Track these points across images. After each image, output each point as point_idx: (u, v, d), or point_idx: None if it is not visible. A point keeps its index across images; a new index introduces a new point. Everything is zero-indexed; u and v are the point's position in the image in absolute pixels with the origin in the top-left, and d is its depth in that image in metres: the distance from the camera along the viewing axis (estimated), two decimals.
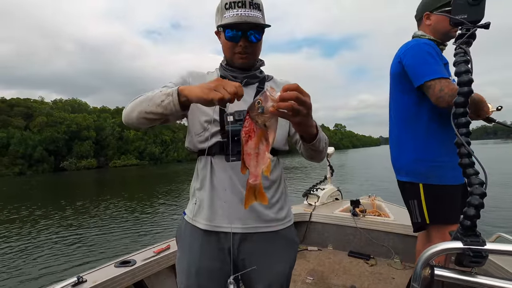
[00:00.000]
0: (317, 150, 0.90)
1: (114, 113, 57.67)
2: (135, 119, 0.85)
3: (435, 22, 1.42)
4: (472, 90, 0.64)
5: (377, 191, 4.43)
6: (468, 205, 0.63)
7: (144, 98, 0.85)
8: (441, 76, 1.25)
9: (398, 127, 1.50)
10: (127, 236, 7.53)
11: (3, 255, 6.51)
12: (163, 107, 0.80)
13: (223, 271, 0.97)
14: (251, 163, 0.71)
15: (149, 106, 0.82)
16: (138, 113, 0.84)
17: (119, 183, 22.99)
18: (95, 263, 5.61)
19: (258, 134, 0.69)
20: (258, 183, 0.72)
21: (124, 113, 0.89)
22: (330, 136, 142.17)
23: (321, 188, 3.62)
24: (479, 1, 0.65)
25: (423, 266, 0.66)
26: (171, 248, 2.02)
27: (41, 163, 42.80)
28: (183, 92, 0.78)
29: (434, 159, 1.36)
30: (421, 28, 1.49)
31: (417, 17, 1.51)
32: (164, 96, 0.80)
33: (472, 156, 0.65)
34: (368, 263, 2.60)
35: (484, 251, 0.60)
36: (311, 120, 0.78)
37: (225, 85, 0.72)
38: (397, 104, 1.50)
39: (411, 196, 1.45)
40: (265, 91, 0.66)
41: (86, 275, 1.63)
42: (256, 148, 0.70)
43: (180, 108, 0.79)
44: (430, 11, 1.42)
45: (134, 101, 0.88)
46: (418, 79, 1.31)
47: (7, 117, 44.08)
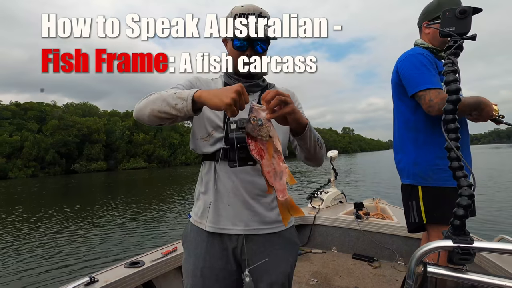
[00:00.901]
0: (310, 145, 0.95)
1: (123, 116, 58.47)
2: (147, 116, 0.89)
3: (433, 31, 1.48)
4: (460, 98, 0.69)
5: (383, 195, 4.43)
6: (457, 205, 0.67)
7: (158, 96, 0.88)
8: (432, 86, 1.31)
9: (400, 132, 1.56)
10: (136, 237, 7.65)
11: (17, 255, 6.69)
12: (177, 110, 0.84)
13: (227, 271, 1.01)
14: (275, 181, 0.73)
15: (163, 106, 0.85)
16: (151, 110, 0.87)
17: (128, 186, 23.30)
18: (105, 263, 5.73)
19: (268, 149, 0.73)
20: (288, 198, 0.74)
21: (137, 108, 0.92)
22: (338, 140, 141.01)
23: (325, 191, 3.65)
24: (466, 15, 0.70)
25: (416, 263, 0.70)
26: (178, 249, 2.08)
27: (53, 166, 43.77)
28: (200, 98, 0.82)
29: (433, 162, 1.41)
30: (421, 36, 1.56)
31: (419, 25, 1.58)
32: (179, 99, 0.83)
33: (461, 160, 0.69)
34: (372, 265, 2.61)
35: (472, 249, 0.63)
36: (299, 113, 0.85)
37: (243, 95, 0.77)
38: (398, 110, 1.57)
39: (410, 198, 1.49)
40: (252, 106, 0.72)
41: (98, 275, 1.69)
42: (272, 164, 0.73)
43: (193, 112, 0.84)
44: (429, 20, 1.49)
45: (148, 98, 0.91)
46: (411, 88, 1.39)
47: (21, 121, 45.34)
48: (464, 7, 0.76)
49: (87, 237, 7.92)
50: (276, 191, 0.73)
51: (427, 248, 0.69)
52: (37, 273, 5.52)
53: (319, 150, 1.00)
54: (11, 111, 46.59)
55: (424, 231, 1.55)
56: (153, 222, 9.36)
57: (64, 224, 9.54)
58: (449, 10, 0.78)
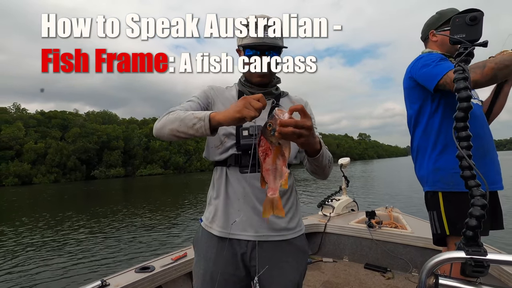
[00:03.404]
0: (320, 165, 0.95)
1: (141, 124, 60.12)
2: (166, 135, 0.93)
3: (441, 37, 1.47)
4: (471, 106, 0.66)
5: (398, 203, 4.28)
6: (469, 216, 0.64)
7: (176, 117, 0.91)
8: (448, 70, 1.24)
9: (417, 138, 1.50)
10: (149, 242, 7.76)
11: (31, 258, 6.92)
12: (195, 130, 0.86)
13: (237, 276, 1.02)
14: (270, 178, 0.77)
15: (181, 126, 0.88)
16: (170, 130, 0.91)
17: (144, 192, 23.76)
18: (118, 266, 5.85)
19: (274, 151, 0.76)
20: (276, 197, 0.77)
21: (156, 127, 0.96)
22: (354, 146, 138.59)
23: (336, 199, 3.58)
24: (477, 22, 0.68)
25: (427, 275, 0.67)
26: (188, 255, 2.08)
27: (74, 172, 45.32)
28: (215, 118, 0.84)
29: (453, 166, 1.34)
30: (428, 46, 1.54)
31: (423, 38, 1.58)
32: (196, 119, 0.86)
33: (473, 169, 0.65)
34: (384, 276, 2.52)
35: (485, 261, 0.60)
36: (314, 138, 0.83)
37: (251, 103, 0.77)
38: (414, 116, 1.51)
39: (431, 207, 1.42)
40: (274, 115, 0.73)
41: (109, 279, 1.73)
42: (274, 164, 0.76)
43: (210, 132, 0.86)
44: (435, 29, 1.49)
45: (167, 117, 0.93)
46: (430, 83, 1.31)
47: (45, 129, 47.47)
48: (475, 13, 0.74)
49: (102, 240, 8.11)
50: (268, 188, 0.77)
51: (438, 259, 0.65)
52: (51, 276, 5.69)
53: (328, 169, 1.01)
54: (37, 119, 48.94)
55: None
56: (166, 227, 9.48)
57: (81, 229, 9.82)
58: (459, 16, 0.76)
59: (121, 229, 9.50)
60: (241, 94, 1.09)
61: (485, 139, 1.36)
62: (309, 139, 0.78)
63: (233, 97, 1.10)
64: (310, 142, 0.82)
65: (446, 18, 1.46)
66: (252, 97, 0.79)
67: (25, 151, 42.00)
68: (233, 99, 1.09)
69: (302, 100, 1.16)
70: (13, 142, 41.59)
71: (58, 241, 8.40)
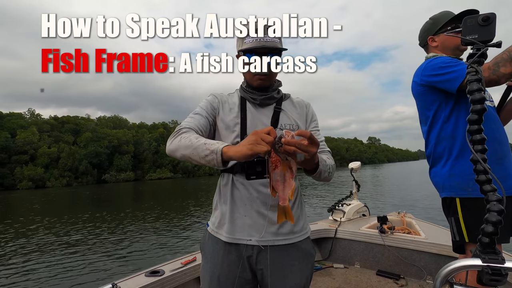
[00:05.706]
0: (317, 179, 1.00)
1: (151, 128, 60.91)
2: (178, 158, 0.96)
3: (441, 41, 1.46)
4: (486, 108, 0.65)
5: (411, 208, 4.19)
6: (485, 222, 0.62)
7: (188, 144, 0.91)
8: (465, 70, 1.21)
9: (431, 144, 1.47)
10: (157, 246, 7.82)
11: (43, 260, 7.06)
12: (207, 161, 0.88)
13: (243, 279, 1.03)
14: (279, 188, 0.83)
15: (194, 155, 0.90)
16: (182, 156, 0.93)
17: (153, 196, 24.00)
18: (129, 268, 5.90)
19: (283, 164, 0.82)
20: (287, 205, 0.85)
21: (170, 148, 0.97)
22: (363, 150, 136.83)
23: (346, 204, 3.51)
24: (490, 22, 0.66)
25: (442, 282, 0.65)
26: (198, 260, 2.09)
27: (85, 175, 46.13)
28: (228, 153, 0.84)
29: (470, 172, 1.30)
30: (430, 51, 1.52)
31: (422, 44, 1.57)
32: (208, 152, 0.86)
33: (488, 173, 0.64)
34: (397, 283, 2.45)
35: (503, 269, 0.58)
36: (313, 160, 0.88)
37: (262, 138, 0.78)
38: (426, 121, 1.48)
39: (449, 213, 1.38)
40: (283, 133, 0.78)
41: (120, 283, 1.75)
42: (283, 176, 0.82)
43: (222, 165, 0.87)
44: (433, 34, 1.48)
45: (179, 142, 0.94)
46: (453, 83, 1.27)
47: (58, 133, 48.63)
48: (487, 13, 0.72)
49: (113, 243, 8.20)
50: (279, 198, 0.85)
51: (453, 267, 0.64)
52: (63, 278, 5.78)
53: (328, 178, 1.03)
54: (50, 124, 50.22)
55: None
56: (176, 231, 9.53)
57: (92, 232, 9.96)
58: (470, 18, 0.74)
59: (131, 232, 9.61)
60: (243, 101, 1.09)
61: (501, 142, 1.32)
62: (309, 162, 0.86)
63: (235, 104, 1.10)
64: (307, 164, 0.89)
65: (442, 22, 1.44)
66: (263, 131, 0.79)
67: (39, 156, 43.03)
68: (236, 106, 1.09)
69: (303, 102, 1.16)
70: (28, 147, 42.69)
71: (70, 243, 8.55)
